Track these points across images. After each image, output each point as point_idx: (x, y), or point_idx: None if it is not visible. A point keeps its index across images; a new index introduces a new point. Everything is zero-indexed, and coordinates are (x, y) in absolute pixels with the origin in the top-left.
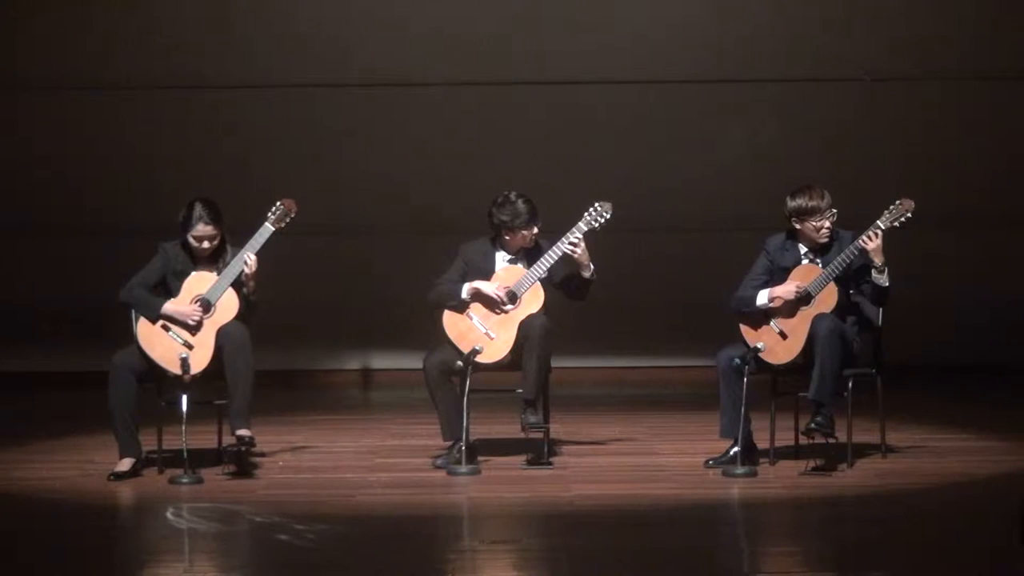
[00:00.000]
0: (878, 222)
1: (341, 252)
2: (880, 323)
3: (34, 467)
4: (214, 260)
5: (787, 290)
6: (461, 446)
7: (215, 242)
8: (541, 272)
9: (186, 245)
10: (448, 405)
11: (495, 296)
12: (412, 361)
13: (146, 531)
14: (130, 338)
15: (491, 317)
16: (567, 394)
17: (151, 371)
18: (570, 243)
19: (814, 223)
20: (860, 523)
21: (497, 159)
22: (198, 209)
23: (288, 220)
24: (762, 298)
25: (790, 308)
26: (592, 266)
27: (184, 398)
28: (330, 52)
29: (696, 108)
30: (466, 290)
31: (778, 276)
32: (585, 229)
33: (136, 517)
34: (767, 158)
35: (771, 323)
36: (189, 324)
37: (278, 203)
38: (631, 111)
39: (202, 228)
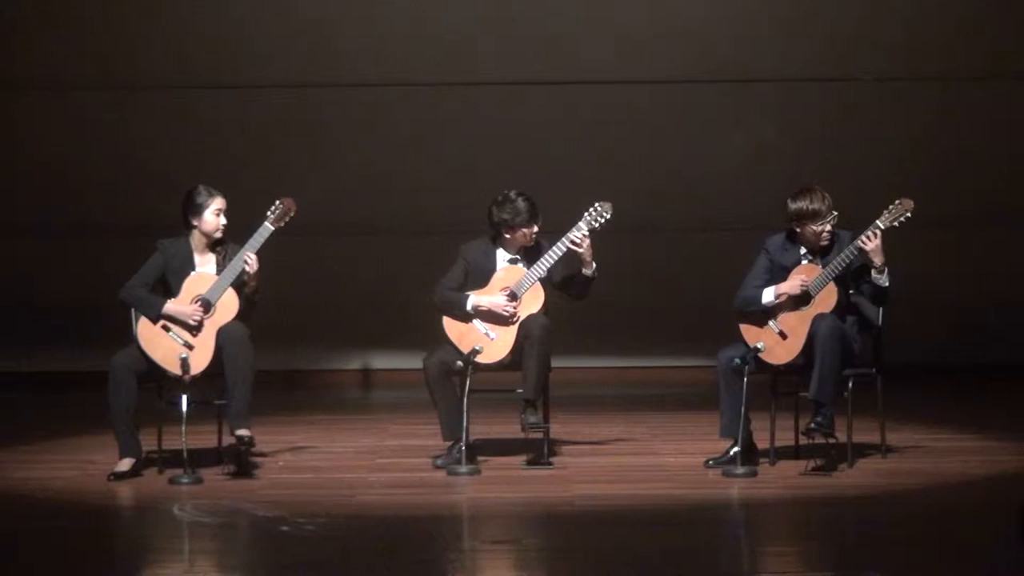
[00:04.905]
0: (877, 222)
1: (341, 252)
2: (880, 323)
3: (34, 467)
4: (215, 249)
5: (792, 285)
6: (461, 446)
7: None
8: (541, 272)
9: (191, 237)
10: (448, 405)
11: (504, 312)
12: (412, 361)
13: (146, 531)
14: (130, 338)
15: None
16: (567, 394)
17: (151, 371)
18: (573, 240)
19: (814, 227)
20: (860, 523)
21: (497, 159)
22: (203, 188)
23: (288, 219)
24: (768, 295)
25: (792, 307)
26: (594, 263)
27: (184, 398)
28: (330, 52)
29: (696, 108)
30: (471, 304)
31: (778, 276)
32: (585, 229)
33: (136, 517)
34: (767, 158)
35: (771, 323)
36: (190, 324)
37: (278, 202)
38: (631, 111)
39: (220, 200)
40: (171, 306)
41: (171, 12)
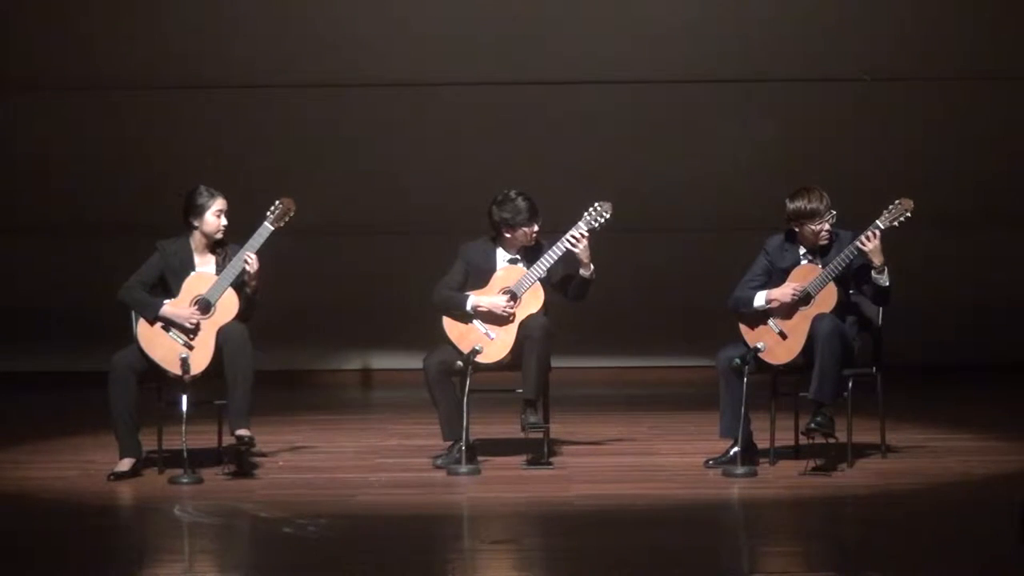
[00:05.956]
0: (877, 222)
1: (341, 252)
2: (880, 323)
3: (34, 467)
4: (215, 250)
5: (784, 293)
6: (461, 446)
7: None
8: (541, 272)
9: (191, 238)
10: (448, 405)
11: (504, 312)
12: (412, 361)
13: (146, 531)
14: (130, 338)
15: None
16: (567, 394)
17: (151, 371)
18: (571, 239)
19: (813, 227)
20: (860, 523)
21: (497, 159)
22: (204, 188)
23: (287, 219)
24: (759, 300)
25: (789, 308)
26: (592, 266)
27: (184, 398)
28: (330, 52)
29: (696, 108)
30: (471, 304)
31: (777, 277)
32: (585, 229)
33: (136, 517)
34: (767, 158)
35: (771, 323)
36: (187, 327)
37: (277, 202)
38: (631, 111)
39: (221, 201)
40: (168, 308)
41: (171, 12)
